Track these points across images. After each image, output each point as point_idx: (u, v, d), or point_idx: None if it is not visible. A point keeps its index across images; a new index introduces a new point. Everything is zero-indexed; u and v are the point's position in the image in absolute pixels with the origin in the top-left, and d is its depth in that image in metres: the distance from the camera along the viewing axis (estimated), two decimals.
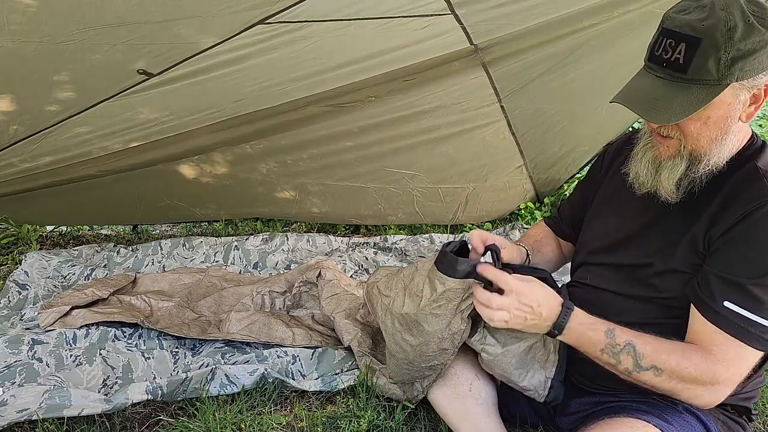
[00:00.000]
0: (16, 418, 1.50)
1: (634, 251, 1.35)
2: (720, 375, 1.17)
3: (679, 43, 1.11)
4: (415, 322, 1.42)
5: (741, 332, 1.15)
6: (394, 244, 2.88)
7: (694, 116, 1.14)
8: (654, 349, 1.20)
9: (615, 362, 1.23)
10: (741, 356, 1.17)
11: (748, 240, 1.15)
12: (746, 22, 1.08)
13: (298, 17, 2.05)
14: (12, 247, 2.68)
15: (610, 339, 1.22)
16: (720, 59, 1.09)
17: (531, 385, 1.43)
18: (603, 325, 1.24)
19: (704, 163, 1.20)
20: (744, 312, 1.14)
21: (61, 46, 1.92)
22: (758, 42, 1.09)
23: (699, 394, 1.20)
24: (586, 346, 1.25)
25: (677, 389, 1.20)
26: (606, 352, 1.23)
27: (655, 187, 1.27)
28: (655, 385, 1.22)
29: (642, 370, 1.20)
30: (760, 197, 1.16)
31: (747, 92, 1.14)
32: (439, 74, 2.50)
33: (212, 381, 1.71)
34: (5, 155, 2.36)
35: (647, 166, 1.27)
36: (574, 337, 1.25)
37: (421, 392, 1.58)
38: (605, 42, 2.50)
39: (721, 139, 1.18)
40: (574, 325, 1.24)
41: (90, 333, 1.97)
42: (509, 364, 1.42)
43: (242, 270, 2.60)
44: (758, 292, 1.13)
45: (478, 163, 2.96)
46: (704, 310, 1.19)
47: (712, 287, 1.18)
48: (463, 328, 1.41)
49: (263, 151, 2.67)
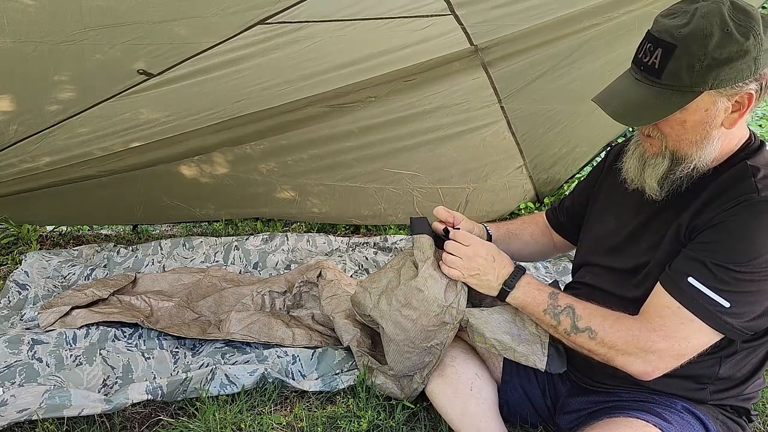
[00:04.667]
0: (16, 418, 1.50)
1: (630, 252, 1.37)
2: (655, 344, 1.20)
3: (657, 48, 1.15)
4: (416, 289, 1.49)
5: (698, 308, 1.17)
6: (394, 244, 2.88)
7: (670, 119, 1.17)
8: (590, 313, 1.29)
9: (555, 323, 1.33)
10: (687, 331, 1.18)
11: (723, 229, 1.17)
12: (724, 31, 1.09)
13: (298, 17, 2.05)
14: (12, 247, 2.68)
15: (552, 300, 1.34)
16: (693, 66, 1.11)
17: (528, 351, 1.43)
18: (548, 288, 1.37)
19: (686, 165, 1.22)
20: (705, 289, 1.16)
21: (61, 46, 1.92)
22: (735, 51, 1.09)
23: (631, 362, 1.23)
24: (531, 306, 1.37)
25: (608, 355, 1.26)
26: (548, 312, 1.34)
27: (641, 184, 1.30)
28: (591, 349, 1.28)
29: (578, 331, 1.29)
30: (744, 193, 1.17)
31: (727, 100, 1.15)
32: (439, 75, 2.50)
33: (212, 381, 1.71)
34: (5, 155, 2.36)
35: (635, 162, 1.32)
36: (521, 297, 1.38)
37: (420, 384, 1.59)
38: (605, 42, 2.50)
39: (702, 143, 1.20)
40: (522, 284, 1.38)
41: (90, 333, 1.97)
42: (498, 325, 1.45)
43: (242, 270, 2.61)
44: (724, 275, 1.15)
45: (478, 164, 2.96)
46: (667, 284, 1.21)
47: (680, 265, 1.21)
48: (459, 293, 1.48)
49: (263, 152, 2.67)
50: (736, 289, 1.14)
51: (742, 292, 1.15)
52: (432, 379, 1.57)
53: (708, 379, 1.30)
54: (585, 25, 2.41)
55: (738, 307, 1.15)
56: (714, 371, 1.28)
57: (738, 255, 1.14)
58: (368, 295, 1.65)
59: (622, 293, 1.36)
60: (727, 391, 1.32)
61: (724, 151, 1.24)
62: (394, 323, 1.54)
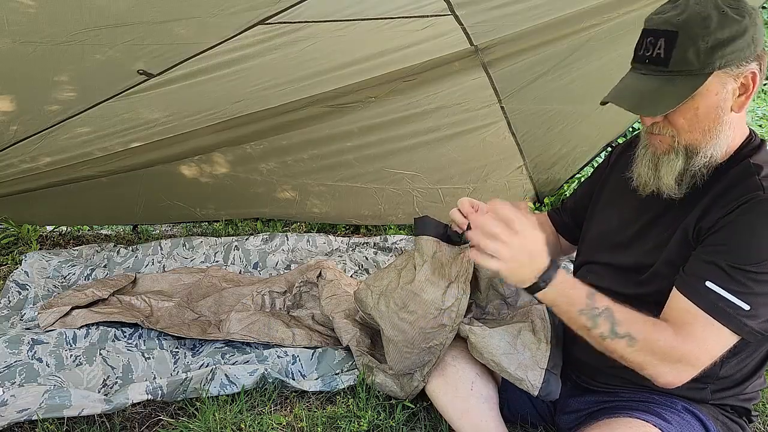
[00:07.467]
0: (16, 418, 1.50)
1: (634, 251, 1.36)
2: (689, 354, 1.16)
3: (659, 39, 1.17)
4: (412, 293, 1.47)
5: (719, 312, 1.15)
6: (394, 244, 2.88)
7: (682, 108, 1.17)
8: (629, 318, 1.19)
9: (591, 325, 1.20)
10: (714, 337, 1.16)
11: (734, 229, 1.16)
12: (720, 12, 1.13)
13: (298, 18, 2.04)
14: (12, 247, 2.68)
15: (590, 301, 1.21)
16: (699, 48, 1.13)
17: (523, 375, 1.42)
18: (584, 287, 1.23)
19: (701, 156, 1.21)
20: (724, 293, 1.14)
21: (61, 46, 1.92)
22: (735, 30, 1.12)
23: (664, 372, 1.18)
24: (566, 305, 1.23)
25: (645, 363, 1.19)
26: (584, 313, 1.20)
27: (657, 186, 1.28)
28: (625, 356, 1.20)
29: (617, 337, 1.18)
30: (750, 191, 1.17)
31: (733, 81, 1.16)
32: (439, 75, 2.49)
33: (212, 381, 1.71)
34: (5, 155, 2.36)
35: (647, 165, 1.29)
36: (555, 294, 1.22)
37: (420, 381, 1.59)
38: (606, 43, 2.50)
39: (715, 130, 1.19)
40: (558, 281, 1.22)
41: (90, 333, 1.97)
42: (496, 347, 1.43)
43: (242, 270, 2.61)
44: (740, 277, 1.14)
45: (478, 164, 2.96)
46: (685, 288, 1.19)
47: (696, 269, 1.19)
48: (460, 297, 1.45)
49: (263, 152, 2.67)
50: (754, 290, 1.13)
51: (760, 294, 1.14)
52: (433, 378, 1.56)
53: (709, 379, 1.30)
54: (585, 25, 2.41)
55: (756, 309, 1.14)
56: (715, 371, 1.28)
57: (751, 255, 1.14)
58: (370, 294, 1.65)
59: (623, 290, 1.35)
60: (728, 390, 1.32)
61: (730, 147, 1.24)
62: (393, 325, 1.54)
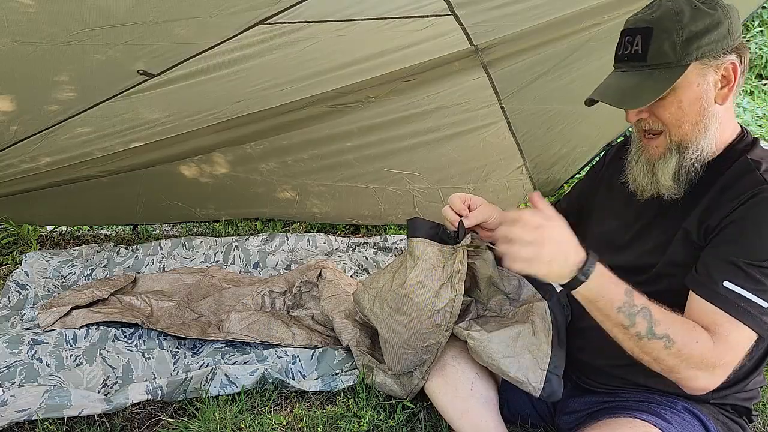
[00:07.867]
0: (16, 418, 1.50)
1: (635, 251, 1.35)
2: (722, 358, 1.13)
3: (635, 36, 1.21)
4: (404, 296, 1.47)
5: (741, 312, 1.13)
6: (394, 244, 2.88)
7: (666, 102, 1.19)
8: (668, 318, 1.15)
9: (628, 324, 1.14)
10: (741, 339, 1.15)
11: (744, 225, 1.16)
12: (692, 7, 1.17)
13: (298, 18, 2.05)
14: (12, 247, 2.68)
15: (628, 298, 1.14)
16: (674, 41, 1.17)
17: (524, 377, 1.41)
18: (623, 282, 1.15)
19: (693, 150, 1.23)
20: (743, 291, 1.13)
21: (61, 46, 1.92)
22: (709, 22, 1.16)
23: (697, 376, 1.14)
24: (602, 301, 1.15)
25: (678, 366, 1.14)
26: (622, 311, 1.13)
27: (656, 189, 1.29)
28: (660, 357, 1.14)
29: (655, 337, 1.13)
30: (754, 186, 1.17)
31: (714, 72, 1.19)
32: (439, 75, 2.49)
33: (212, 381, 1.71)
34: (5, 155, 2.36)
35: (643, 170, 1.30)
36: (595, 289, 1.13)
37: (420, 379, 1.59)
38: (606, 43, 2.49)
39: (702, 123, 1.21)
40: (597, 275, 1.12)
41: (90, 333, 1.97)
42: (496, 351, 1.43)
43: (242, 270, 2.61)
44: (757, 274, 1.13)
45: (478, 164, 2.96)
46: (703, 291, 1.17)
47: (711, 270, 1.18)
48: (453, 297, 1.44)
49: (263, 152, 2.67)
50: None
51: None
52: (433, 378, 1.57)
53: None
54: (585, 25, 2.41)
55: None
56: None
57: (765, 251, 1.13)
58: (366, 296, 1.65)
59: None
60: (728, 388, 1.31)
61: (720, 142, 1.25)
62: (388, 327, 1.54)
